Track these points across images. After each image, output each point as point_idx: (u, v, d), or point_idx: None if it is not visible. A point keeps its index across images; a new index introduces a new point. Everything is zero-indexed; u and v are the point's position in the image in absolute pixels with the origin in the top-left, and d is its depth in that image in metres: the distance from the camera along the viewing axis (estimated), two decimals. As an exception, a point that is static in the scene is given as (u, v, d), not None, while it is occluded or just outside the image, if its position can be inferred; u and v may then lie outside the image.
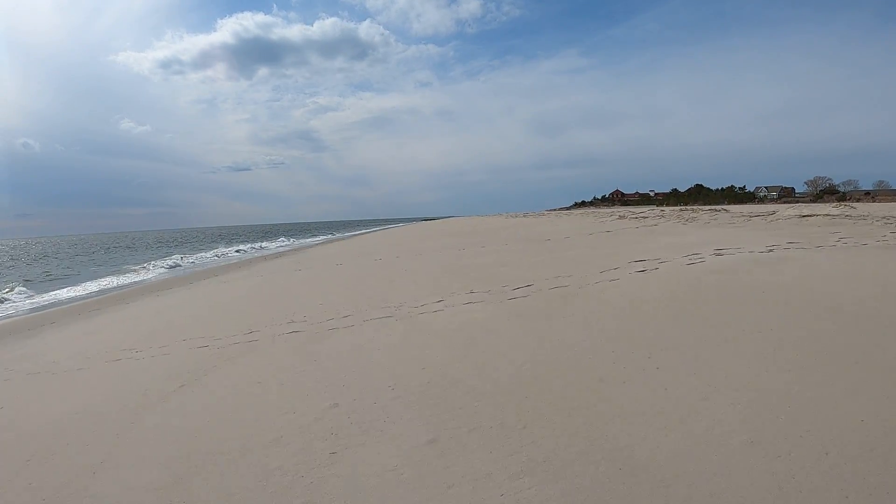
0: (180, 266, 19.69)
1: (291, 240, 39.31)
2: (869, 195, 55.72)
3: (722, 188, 67.52)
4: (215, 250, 28.52)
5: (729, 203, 61.65)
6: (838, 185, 64.66)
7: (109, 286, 13.91)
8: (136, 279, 15.57)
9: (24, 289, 13.39)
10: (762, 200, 60.13)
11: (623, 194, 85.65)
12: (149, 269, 18.31)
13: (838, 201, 41.42)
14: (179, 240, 57.13)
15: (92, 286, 14.02)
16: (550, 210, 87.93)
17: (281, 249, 26.73)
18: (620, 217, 19.39)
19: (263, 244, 32.87)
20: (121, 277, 16.19)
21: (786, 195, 64.61)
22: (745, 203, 55.42)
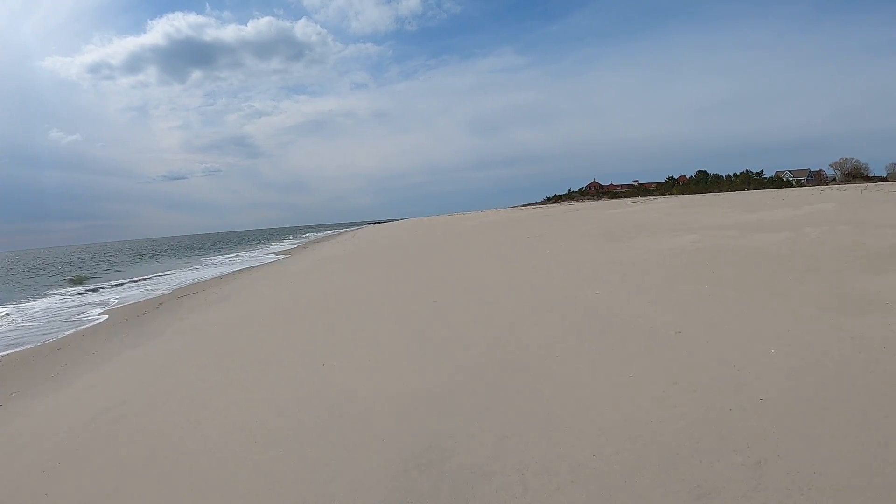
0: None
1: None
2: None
3: (736, 174, 52.26)
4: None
5: (754, 189, 47.14)
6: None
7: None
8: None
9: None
10: (799, 186, 45.17)
11: (602, 186, 69.58)
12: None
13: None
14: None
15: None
16: (514, 206, 70.59)
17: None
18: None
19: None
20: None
21: (817, 179, 50.39)
22: (772, 188, 40.50)
